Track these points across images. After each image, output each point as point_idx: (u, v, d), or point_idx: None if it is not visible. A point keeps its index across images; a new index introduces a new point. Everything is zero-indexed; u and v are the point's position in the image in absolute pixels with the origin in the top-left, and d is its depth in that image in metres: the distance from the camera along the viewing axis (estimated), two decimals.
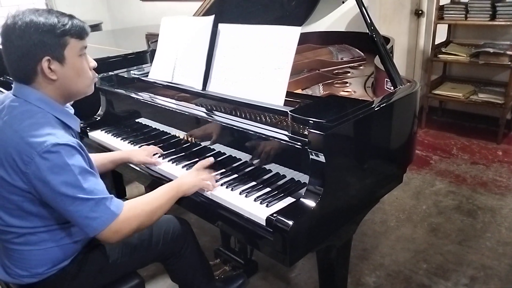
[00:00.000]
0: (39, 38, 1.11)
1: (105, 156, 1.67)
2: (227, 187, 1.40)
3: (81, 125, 2.05)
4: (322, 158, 1.20)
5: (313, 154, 1.21)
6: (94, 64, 1.27)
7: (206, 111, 1.60)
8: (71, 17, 1.18)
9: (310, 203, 1.19)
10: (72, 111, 1.33)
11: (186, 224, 1.59)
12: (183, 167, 1.58)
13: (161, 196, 1.33)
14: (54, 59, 1.14)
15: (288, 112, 1.31)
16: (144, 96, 1.85)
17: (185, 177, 1.43)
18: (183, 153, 1.68)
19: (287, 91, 1.43)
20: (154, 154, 1.68)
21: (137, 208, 1.24)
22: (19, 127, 1.12)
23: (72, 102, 1.35)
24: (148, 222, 1.27)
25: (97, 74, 1.28)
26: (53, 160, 1.08)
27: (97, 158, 1.61)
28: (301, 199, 1.22)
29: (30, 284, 1.27)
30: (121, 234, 1.19)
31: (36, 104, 1.16)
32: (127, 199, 1.31)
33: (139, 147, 1.78)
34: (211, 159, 1.51)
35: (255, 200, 1.30)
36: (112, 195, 1.19)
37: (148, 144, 1.78)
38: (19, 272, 1.25)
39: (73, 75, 1.19)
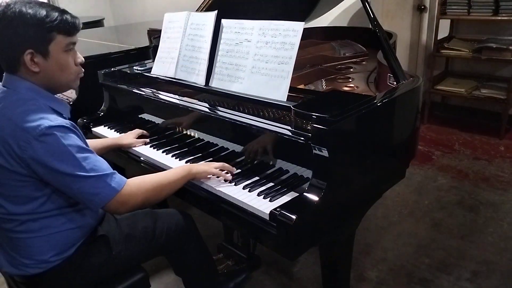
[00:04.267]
0: (24, 30, 1.12)
1: (97, 143, 1.71)
2: (230, 182, 1.40)
3: (84, 121, 2.07)
4: (325, 153, 1.20)
5: (316, 149, 1.22)
6: (81, 60, 1.28)
7: (209, 107, 1.61)
8: (63, 12, 1.18)
9: (313, 197, 1.20)
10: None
11: (189, 218, 1.60)
12: (186, 162, 1.58)
13: (171, 175, 1.38)
14: (38, 53, 1.16)
15: (291, 107, 1.31)
16: (147, 91, 1.86)
17: (197, 163, 1.49)
18: (187, 148, 1.69)
19: (290, 87, 1.44)
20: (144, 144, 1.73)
21: (145, 183, 1.30)
22: (12, 114, 1.14)
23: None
24: (155, 197, 1.32)
25: (83, 70, 1.29)
26: (49, 143, 1.11)
27: (90, 144, 1.64)
28: (304, 193, 1.22)
29: (35, 275, 1.29)
30: (128, 207, 1.25)
31: (26, 93, 1.18)
32: None
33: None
34: (234, 169, 1.46)
35: (258, 194, 1.31)
36: (115, 171, 1.23)
37: (150, 139, 1.80)
38: (24, 261, 1.27)
39: (56, 69, 1.20)
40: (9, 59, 1.17)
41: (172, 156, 1.64)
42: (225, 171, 1.43)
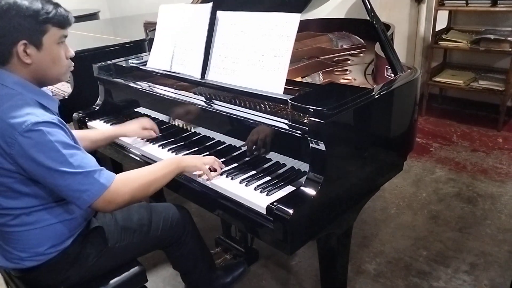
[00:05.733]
0: (19, 21, 1.12)
1: (98, 132, 1.69)
2: (227, 176, 1.39)
3: (80, 115, 2.05)
4: (322, 147, 1.19)
5: (313, 142, 1.21)
6: (72, 54, 1.27)
7: (205, 100, 1.59)
8: (56, 5, 1.19)
9: (310, 191, 1.19)
10: (49, 93, 1.33)
11: (186, 212, 1.60)
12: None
13: (159, 169, 1.35)
14: (31, 44, 1.15)
15: (288, 100, 1.30)
16: (143, 85, 1.84)
17: (187, 156, 1.47)
18: (183, 142, 1.68)
19: (286, 79, 1.42)
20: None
21: (132, 179, 1.27)
22: None
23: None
24: (143, 193, 1.29)
25: (73, 63, 1.29)
26: (35, 139, 1.10)
27: (90, 134, 1.65)
28: (301, 187, 1.21)
29: (31, 268, 1.28)
30: (115, 205, 1.22)
31: (13, 88, 1.17)
32: None
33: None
34: (223, 166, 1.45)
35: (255, 189, 1.30)
36: (103, 167, 1.20)
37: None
38: (19, 254, 1.26)
39: (48, 61, 1.20)
40: (1, 50, 1.15)
41: (169, 150, 1.63)
42: (214, 170, 1.41)
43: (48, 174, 1.13)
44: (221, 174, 1.41)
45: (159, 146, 1.67)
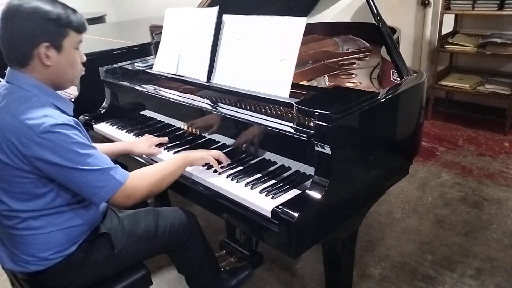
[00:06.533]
0: (43, 24, 1.15)
1: (106, 147, 1.69)
2: (232, 179, 1.40)
3: (86, 117, 2.06)
4: (327, 150, 1.19)
5: (319, 146, 1.21)
6: (84, 59, 1.31)
7: (210, 103, 1.60)
8: (74, 11, 1.24)
9: (316, 195, 1.19)
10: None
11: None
12: None
13: (169, 165, 1.40)
14: (52, 47, 1.18)
15: (294, 103, 1.30)
16: (149, 88, 1.85)
17: (193, 151, 1.52)
18: (188, 145, 1.68)
19: (292, 83, 1.42)
20: (158, 145, 1.69)
21: (148, 174, 1.33)
22: (16, 111, 1.15)
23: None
24: (158, 188, 1.35)
25: (84, 68, 1.33)
26: (53, 140, 1.12)
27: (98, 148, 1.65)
28: (307, 191, 1.21)
29: (37, 272, 1.29)
30: (134, 199, 1.27)
31: (29, 90, 1.20)
32: None
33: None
34: (229, 160, 1.50)
35: (260, 192, 1.30)
36: (117, 165, 1.24)
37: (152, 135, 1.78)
38: (26, 258, 1.27)
39: (66, 64, 1.23)
40: (22, 52, 1.18)
41: (174, 153, 1.63)
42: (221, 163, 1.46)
43: (66, 172, 1.16)
44: (226, 177, 1.42)
45: (165, 149, 1.67)
